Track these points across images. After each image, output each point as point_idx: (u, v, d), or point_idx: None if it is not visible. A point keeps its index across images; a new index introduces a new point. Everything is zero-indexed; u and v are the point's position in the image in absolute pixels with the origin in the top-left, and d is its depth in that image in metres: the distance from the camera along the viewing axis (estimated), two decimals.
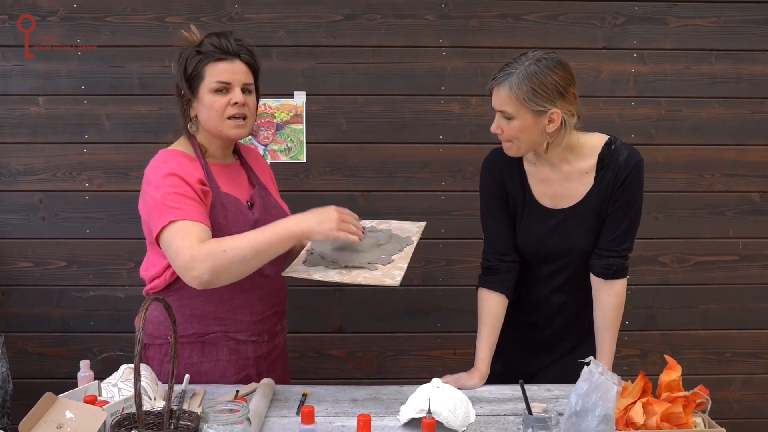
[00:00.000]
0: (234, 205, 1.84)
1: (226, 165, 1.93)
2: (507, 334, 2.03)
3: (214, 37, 1.82)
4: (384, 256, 1.80)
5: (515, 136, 1.80)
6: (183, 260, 1.65)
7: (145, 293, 1.89)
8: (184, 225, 1.67)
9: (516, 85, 1.74)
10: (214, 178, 1.84)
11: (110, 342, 2.82)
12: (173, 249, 1.67)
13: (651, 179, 2.82)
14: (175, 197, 1.70)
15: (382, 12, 2.77)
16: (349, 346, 2.88)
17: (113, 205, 2.78)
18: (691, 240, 2.88)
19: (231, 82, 1.81)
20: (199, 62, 1.80)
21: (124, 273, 2.80)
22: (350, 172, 2.81)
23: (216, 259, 1.64)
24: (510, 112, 1.77)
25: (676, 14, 2.80)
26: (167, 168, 1.75)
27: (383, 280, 1.70)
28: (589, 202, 1.88)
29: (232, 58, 1.82)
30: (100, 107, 2.75)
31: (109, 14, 2.72)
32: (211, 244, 1.66)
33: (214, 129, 1.84)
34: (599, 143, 1.88)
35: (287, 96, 2.77)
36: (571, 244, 1.90)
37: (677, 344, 2.90)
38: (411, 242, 1.87)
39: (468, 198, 2.64)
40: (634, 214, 1.88)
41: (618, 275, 1.88)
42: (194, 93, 1.82)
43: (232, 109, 1.82)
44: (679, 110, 2.83)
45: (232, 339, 1.88)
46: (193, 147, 1.86)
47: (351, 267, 1.75)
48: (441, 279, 2.85)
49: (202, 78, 1.81)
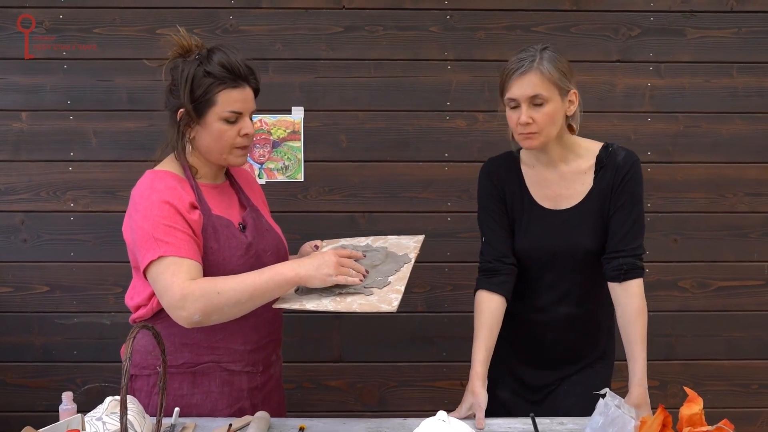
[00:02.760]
0: (226, 228, 1.84)
1: (217, 186, 1.93)
2: (511, 356, 2.04)
3: (222, 56, 1.80)
4: (380, 278, 1.80)
5: (546, 123, 1.87)
6: (173, 299, 1.66)
7: (132, 321, 1.88)
8: (174, 261, 1.68)
9: (545, 67, 1.84)
10: (205, 201, 1.84)
11: (95, 372, 2.81)
12: (162, 285, 1.68)
13: (669, 199, 2.83)
14: (165, 230, 1.70)
15: (384, 24, 2.79)
16: (349, 376, 2.87)
17: (99, 226, 2.78)
18: (712, 264, 2.87)
19: (243, 111, 1.82)
20: (211, 86, 1.79)
21: (111, 299, 2.80)
22: (351, 191, 2.82)
23: (208, 301, 1.66)
24: (544, 95, 1.85)
25: (695, 25, 2.82)
26: (156, 195, 1.74)
27: (379, 307, 1.70)
28: (589, 201, 1.95)
29: (243, 85, 1.82)
30: (86, 123, 2.77)
31: (97, 25, 2.74)
32: (205, 284, 1.67)
33: (218, 156, 1.84)
34: (596, 147, 1.99)
35: (284, 112, 2.79)
36: (573, 244, 1.94)
37: (699, 375, 2.89)
38: (408, 260, 1.88)
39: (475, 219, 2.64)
40: (638, 211, 1.93)
41: (631, 275, 1.90)
42: (200, 117, 1.81)
43: (241, 140, 1.83)
44: (699, 126, 2.84)
45: (224, 369, 1.87)
46: (183, 168, 1.86)
47: (345, 293, 1.76)
48: (447, 305, 2.85)
49: (213, 104, 1.79)
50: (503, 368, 2.06)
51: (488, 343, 1.93)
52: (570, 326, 2.01)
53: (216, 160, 1.86)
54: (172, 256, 1.68)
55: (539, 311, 2.02)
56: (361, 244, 1.98)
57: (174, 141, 1.86)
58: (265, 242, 1.87)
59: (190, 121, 1.82)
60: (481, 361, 1.91)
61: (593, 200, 1.94)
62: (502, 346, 1.98)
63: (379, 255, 1.89)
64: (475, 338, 1.95)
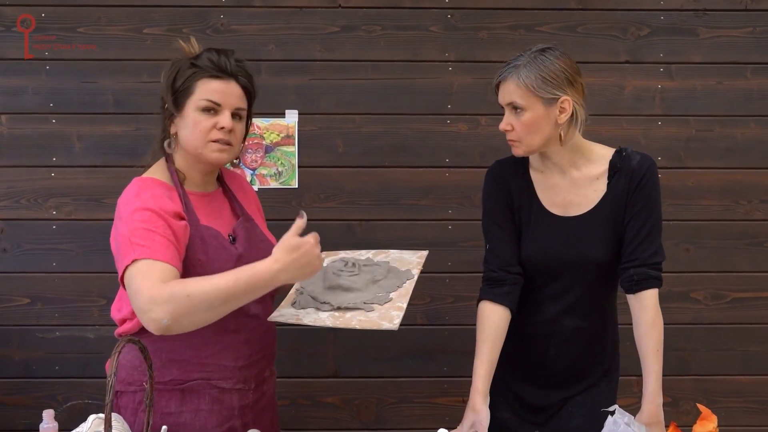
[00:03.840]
0: (215, 239, 1.84)
1: (207, 194, 1.93)
2: (512, 373, 2.04)
3: (213, 53, 1.84)
4: (381, 294, 1.80)
5: (526, 131, 1.87)
6: (141, 301, 1.63)
7: (118, 334, 1.88)
8: (147, 264, 1.66)
9: (524, 74, 1.84)
10: (193, 210, 1.84)
11: (78, 389, 2.79)
12: (133, 289, 1.66)
13: (681, 206, 2.83)
14: (143, 234, 1.70)
15: (382, 23, 2.80)
16: (346, 392, 2.86)
17: (84, 235, 2.77)
18: (726, 274, 2.87)
19: (221, 103, 1.83)
20: (192, 76, 1.82)
21: (95, 311, 2.79)
22: (347, 198, 2.82)
23: (177, 304, 1.61)
24: (520, 103, 1.85)
25: (707, 24, 2.82)
26: (139, 202, 1.75)
27: (380, 324, 1.70)
28: (602, 208, 1.94)
29: (228, 78, 1.84)
30: (70, 127, 2.76)
31: (82, 25, 2.74)
32: (174, 286, 1.64)
33: (194, 150, 1.84)
34: (609, 152, 1.98)
35: (278, 115, 2.79)
36: (582, 253, 1.94)
37: (713, 391, 2.88)
38: (411, 276, 1.88)
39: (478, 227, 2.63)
40: (654, 217, 1.93)
41: (643, 286, 1.90)
42: (179, 108, 1.83)
43: (216, 133, 1.83)
44: (712, 130, 2.84)
45: (215, 387, 1.86)
46: (171, 173, 1.86)
47: (345, 308, 1.75)
48: (448, 317, 2.84)
49: (191, 92, 1.82)
50: (503, 387, 2.05)
51: (491, 358, 1.93)
52: (574, 340, 2.00)
53: (195, 156, 1.86)
54: (145, 259, 1.67)
55: (542, 324, 2.01)
56: (362, 257, 1.97)
57: (159, 139, 1.88)
58: (259, 254, 1.86)
59: (172, 115, 1.85)
60: (483, 376, 1.91)
61: (606, 207, 1.94)
62: (500, 362, 1.96)
63: (380, 270, 1.89)
64: (477, 352, 1.94)
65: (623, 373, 2.12)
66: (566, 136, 1.90)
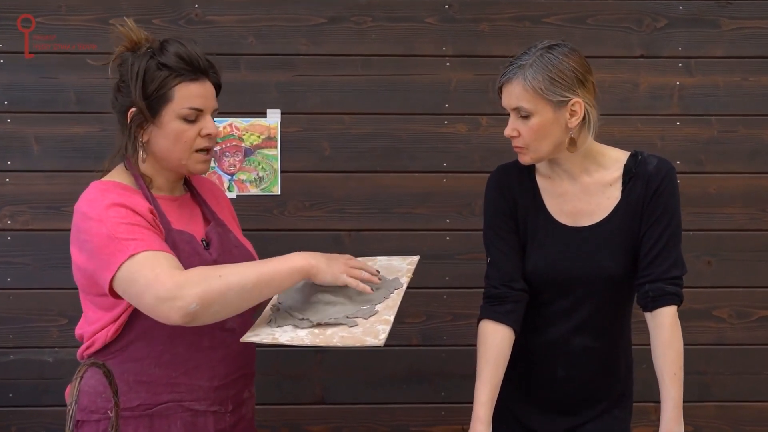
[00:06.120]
0: (188, 245, 1.84)
1: (176, 198, 1.93)
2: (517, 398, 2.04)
3: (178, 46, 1.82)
4: (366, 306, 1.80)
5: (534, 137, 1.87)
6: (162, 289, 1.65)
7: (80, 356, 1.87)
8: (149, 255, 1.68)
9: (531, 76, 1.83)
10: (163, 213, 1.84)
11: (34, 418, 2.77)
12: (144, 282, 1.66)
13: (701, 215, 2.84)
14: (127, 229, 1.70)
15: (373, 14, 2.80)
16: (333, 419, 2.85)
17: (42, 247, 2.76)
18: (752, 289, 2.88)
19: (204, 108, 1.83)
20: (166, 80, 1.80)
21: (54, 331, 2.77)
22: (334, 207, 2.82)
23: (208, 285, 1.66)
24: (527, 107, 1.84)
25: (730, 14, 2.84)
26: (107, 200, 1.74)
27: (364, 340, 1.70)
28: (616, 218, 1.94)
29: (203, 78, 1.84)
30: (27, 127, 2.75)
31: (40, 13, 2.74)
32: (203, 269, 1.71)
33: (176, 162, 1.84)
34: (623, 156, 1.98)
35: (258, 115, 2.79)
36: (593, 267, 1.94)
37: (739, 419, 2.89)
38: (399, 285, 1.87)
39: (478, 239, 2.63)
40: (673, 228, 1.93)
41: (659, 303, 1.90)
42: (154, 116, 1.82)
43: (202, 141, 1.84)
44: (735, 131, 2.86)
45: (187, 410, 1.85)
46: (135, 178, 1.86)
47: (326, 324, 1.75)
48: (445, 337, 2.84)
49: (168, 100, 1.80)
50: (506, 414, 2.04)
51: (493, 382, 1.92)
52: (585, 362, 2.00)
53: (174, 167, 1.86)
54: (145, 251, 1.68)
55: (549, 344, 2.01)
56: None
57: (124, 147, 1.86)
58: (233, 260, 1.87)
59: (143, 122, 1.83)
60: (485, 403, 1.91)
61: (620, 217, 1.94)
62: (503, 387, 1.96)
63: None
64: (478, 376, 1.94)
65: (640, 398, 2.13)
66: (578, 141, 1.90)
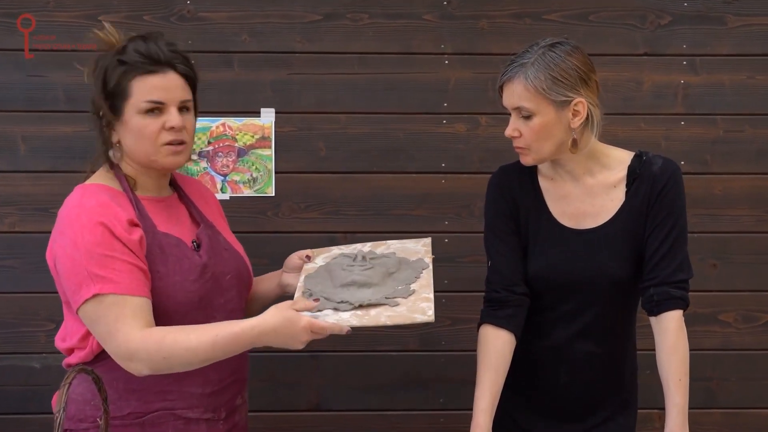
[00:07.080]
0: (176, 248, 1.84)
1: (162, 199, 1.93)
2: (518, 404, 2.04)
3: (139, 42, 1.82)
4: (401, 287, 1.84)
5: (536, 138, 1.87)
6: (118, 350, 1.72)
7: (66, 366, 1.87)
8: (115, 301, 1.70)
9: (533, 75, 1.84)
10: (148, 216, 1.84)
11: (20, 427, 2.77)
12: (104, 330, 1.72)
13: (706, 217, 2.84)
14: (101, 261, 1.71)
15: (370, 11, 2.80)
16: (329, 427, 2.85)
17: (29, 250, 2.75)
18: (759, 293, 2.88)
19: (165, 101, 1.82)
20: (123, 75, 1.80)
21: (42, 337, 2.77)
22: (330, 208, 2.82)
23: (155, 363, 1.71)
24: (529, 107, 1.85)
25: (736, 11, 2.84)
26: (86, 215, 1.74)
27: (413, 317, 1.75)
28: (620, 220, 1.95)
29: (164, 70, 1.82)
30: (13, 127, 2.75)
31: (27, 9, 2.73)
32: (150, 345, 1.70)
33: (145, 158, 1.84)
34: (628, 156, 1.99)
35: (252, 114, 2.79)
36: (597, 270, 1.94)
37: (745, 426, 2.89)
38: (426, 265, 1.93)
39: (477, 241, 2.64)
40: (679, 230, 1.94)
41: (664, 307, 1.91)
42: (117, 114, 1.82)
43: (167, 135, 1.82)
44: (741, 130, 2.86)
45: (179, 418, 1.85)
46: (119, 179, 1.86)
47: (367, 306, 1.79)
48: (444, 342, 2.84)
49: (127, 95, 1.80)
50: (507, 421, 2.05)
51: (494, 389, 1.93)
52: (588, 367, 2.00)
53: (145, 164, 1.86)
54: (111, 294, 1.70)
55: (552, 349, 2.02)
56: (364, 251, 1.99)
57: (101, 149, 1.87)
58: (224, 263, 1.87)
59: (111, 121, 1.83)
60: (485, 409, 1.91)
61: (624, 219, 1.95)
62: (504, 393, 1.97)
63: (391, 261, 1.95)
64: (478, 382, 1.95)
65: (645, 405, 2.13)
66: (581, 142, 1.90)
